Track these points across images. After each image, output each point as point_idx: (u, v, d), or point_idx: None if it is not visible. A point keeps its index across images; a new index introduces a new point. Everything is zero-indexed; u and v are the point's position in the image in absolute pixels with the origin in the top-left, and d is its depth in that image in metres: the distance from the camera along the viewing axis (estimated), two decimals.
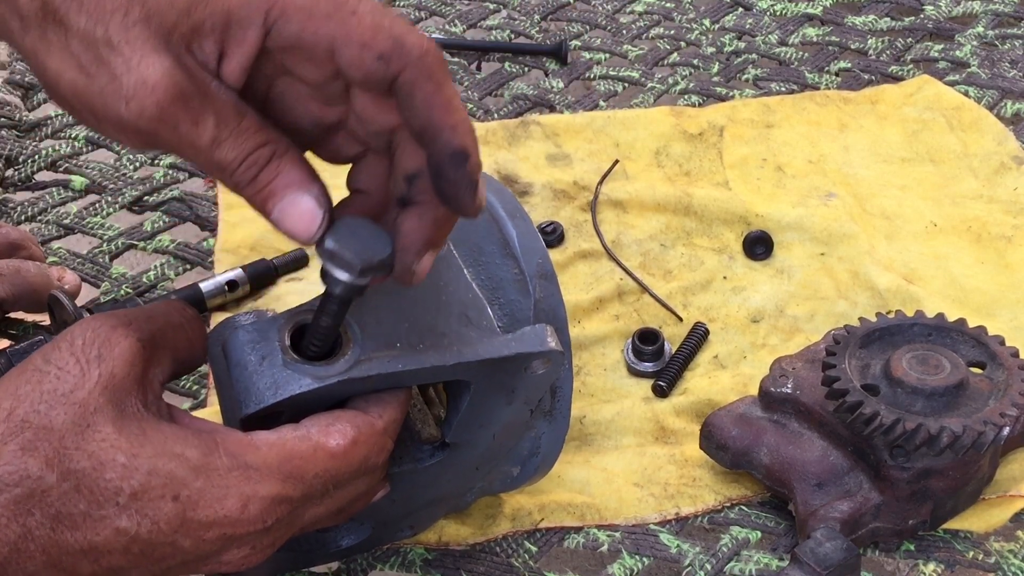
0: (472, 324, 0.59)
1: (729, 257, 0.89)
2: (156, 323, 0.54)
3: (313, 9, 0.51)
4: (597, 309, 0.85)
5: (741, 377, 0.79)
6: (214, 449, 0.52)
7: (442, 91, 0.52)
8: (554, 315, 0.63)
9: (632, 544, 0.69)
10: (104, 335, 0.52)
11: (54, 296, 0.75)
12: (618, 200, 0.92)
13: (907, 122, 1.01)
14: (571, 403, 0.65)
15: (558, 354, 0.59)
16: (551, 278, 0.64)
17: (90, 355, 0.51)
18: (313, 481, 0.54)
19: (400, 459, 0.61)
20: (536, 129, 0.99)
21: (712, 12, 1.17)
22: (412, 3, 1.17)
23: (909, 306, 0.82)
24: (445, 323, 0.58)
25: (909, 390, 0.67)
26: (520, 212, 0.65)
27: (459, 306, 0.59)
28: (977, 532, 0.70)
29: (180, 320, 0.56)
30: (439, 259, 0.59)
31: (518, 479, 0.67)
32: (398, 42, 0.51)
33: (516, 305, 0.63)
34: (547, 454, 0.66)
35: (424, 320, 0.58)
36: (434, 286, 0.59)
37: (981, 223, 0.91)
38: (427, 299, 0.59)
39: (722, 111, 1.01)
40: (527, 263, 0.63)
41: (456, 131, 0.52)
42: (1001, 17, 1.16)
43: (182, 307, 0.56)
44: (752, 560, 0.68)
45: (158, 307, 0.56)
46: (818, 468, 0.69)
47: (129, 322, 0.53)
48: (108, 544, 0.51)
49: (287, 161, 0.53)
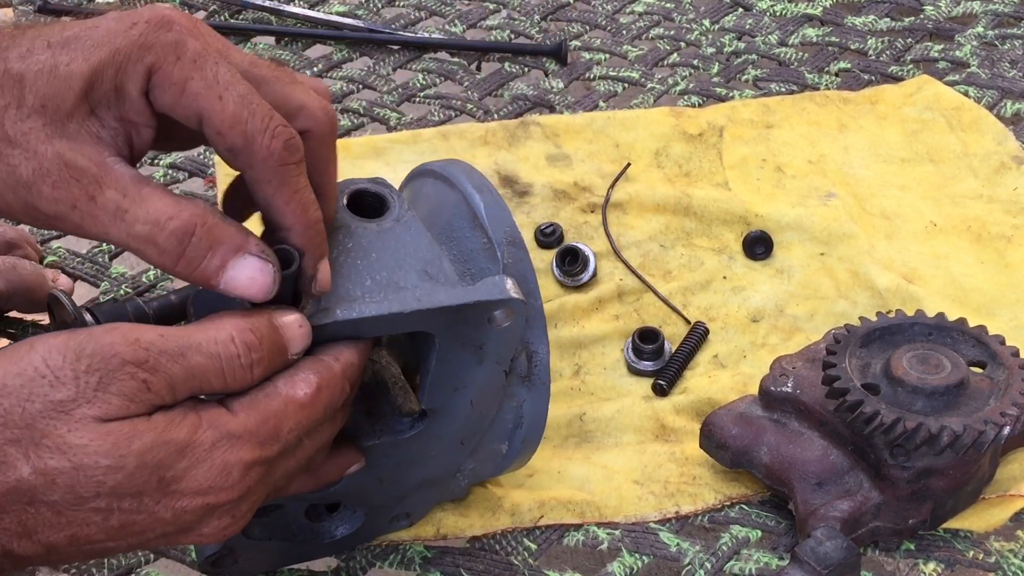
0: (432, 278, 0.60)
1: (729, 257, 0.89)
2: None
3: (185, 85, 0.53)
4: (597, 309, 0.85)
5: (741, 376, 0.79)
6: (198, 425, 0.52)
7: (281, 194, 0.54)
8: (523, 279, 0.64)
9: (632, 542, 0.69)
10: (114, 366, 0.51)
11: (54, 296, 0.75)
12: (618, 201, 0.92)
13: (907, 122, 1.01)
14: (549, 369, 0.66)
15: (519, 303, 0.59)
16: (519, 244, 0.65)
17: (91, 381, 0.50)
18: (288, 436, 0.55)
19: (380, 432, 0.62)
20: (536, 129, 0.99)
21: (712, 12, 1.17)
22: (412, 3, 1.17)
23: (909, 305, 0.82)
24: (404, 277, 0.59)
25: (909, 389, 0.67)
26: (487, 186, 0.66)
27: (419, 262, 0.60)
28: (977, 531, 0.70)
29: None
30: (398, 222, 0.61)
31: (507, 457, 0.67)
32: (247, 140, 0.53)
33: (487, 273, 0.64)
34: (531, 425, 0.67)
35: (383, 276, 0.59)
36: (392, 245, 0.60)
37: (981, 223, 0.91)
38: (386, 257, 0.60)
39: (722, 111, 1.01)
40: (495, 232, 0.65)
41: (292, 232, 0.55)
42: (1001, 17, 1.16)
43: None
44: (752, 559, 0.68)
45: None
46: (818, 467, 0.69)
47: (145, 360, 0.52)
48: (85, 519, 0.51)
49: (213, 226, 0.53)
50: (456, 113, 1.03)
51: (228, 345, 0.53)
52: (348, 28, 1.12)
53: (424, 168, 0.69)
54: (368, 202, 0.62)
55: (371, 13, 1.16)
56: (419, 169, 0.70)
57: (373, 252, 0.60)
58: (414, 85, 1.06)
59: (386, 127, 1.02)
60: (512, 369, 0.65)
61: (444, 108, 1.03)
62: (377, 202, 0.62)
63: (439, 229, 0.66)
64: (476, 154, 0.97)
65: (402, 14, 1.16)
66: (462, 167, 0.68)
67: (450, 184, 0.67)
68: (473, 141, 0.98)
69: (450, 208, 0.66)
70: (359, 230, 0.60)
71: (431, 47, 1.11)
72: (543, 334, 0.66)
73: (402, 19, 1.15)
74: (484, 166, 0.95)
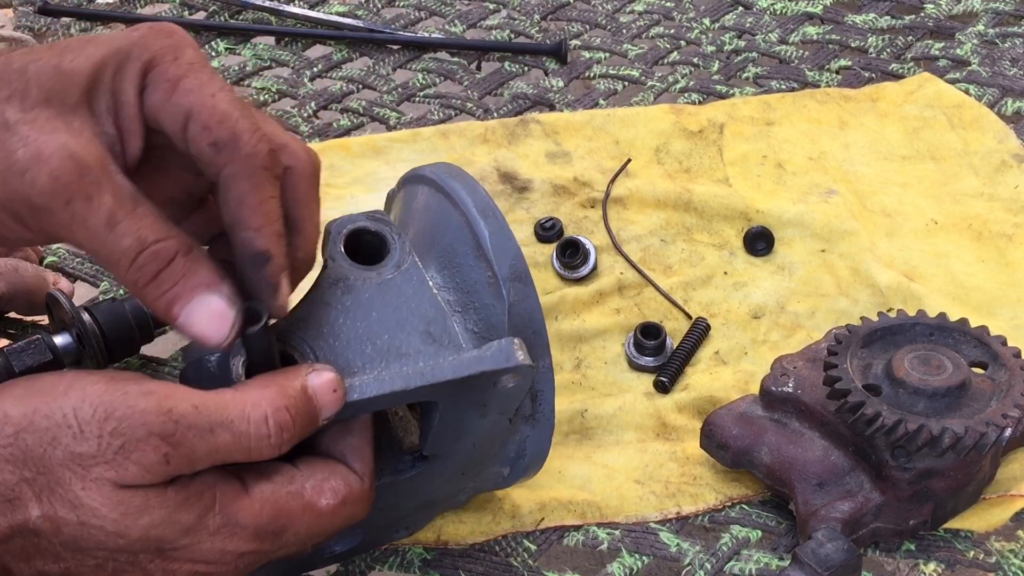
0: (435, 340, 0.58)
1: (730, 253, 0.89)
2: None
3: (180, 82, 0.53)
4: (597, 302, 0.85)
5: (742, 374, 0.79)
6: (210, 509, 0.53)
7: (256, 193, 0.53)
8: (529, 319, 0.61)
9: (632, 542, 0.69)
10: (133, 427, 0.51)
11: (52, 296, 0.75)
12: (618, 197, 0.92)
13: (908, 120, 1.01)
14: (554, 405, 0.64)
15: (527, 368, 0.57)
16: (525, 279, 0.61)
17: (114, 444, 0.50)
18: (292, 537, 0.55)
19: (381, 471, 0.60)
20: (536, 127, 0.99)
21: (712, 11, 1.17)
22: (412, 3, 1.17)
23: (910, 303, 0.82)
24: (407, 342, 0.57)
25: (911, 390, 0.67)
26: (492, 210, 0.63)
27: (422, 322, 0.58)
28: (978, 532, 0.70)
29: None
30: (399, 271, 0.59)
31: (509, 478, 0.67)
32: (234, 136, 0.53)
33: (491, 310, 0.61)
34: (534, 456, 0.65)
35: (384, 340, 0.57)
36: (394, 302, 0.58)
37: (982, 221, 0.91)
38: (387, 317, 0.58)
39: (722, 108, 1.01)
40: (499, 265, 0.61)
41: (260, 233, 0.53)
42: (1001, 15, 1.16)
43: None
44: (752, 559, 0.68)
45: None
46: (819, 468, 0.69)
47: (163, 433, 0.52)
48: (81, 562, 0.52)
49: (193, 259, 0.53)
50: (456, 112, 1.03)
51: (260, 426, 0.52)
52: (348, 28, 1.12)
53: (420, 174, 0.66)
54: (367, 241, 0.60)
55: (371, 13, 1.16)
56: (415, 174, 0.67)
57: (373, 310, 0.58)
58: (414, 85, 1.06)
59: (386, 127, 1.01)
60: (517, 412, 0.63)
61: (444, 107, 1.03)
62: (377, 241, 0.60)
63: (440, 252, 0.63)
64: (476, 152, 0.97)
65: (402, 14, 1.16)
66: (463, 181, 0.64)
67: (452, 202, 0.63)
68: (473, 139, 0.98)
69: (452, 231, 0.63)
70: (358, 283, 0.58)
71: (431, 47, 1.11)
72: (549, 373, 0.63)
73: (402, 19, 1.15)
74: (484, 164, 0.95)
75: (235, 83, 1.06)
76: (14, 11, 1.14)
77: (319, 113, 1.03)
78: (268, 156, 0.53)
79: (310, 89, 1.05)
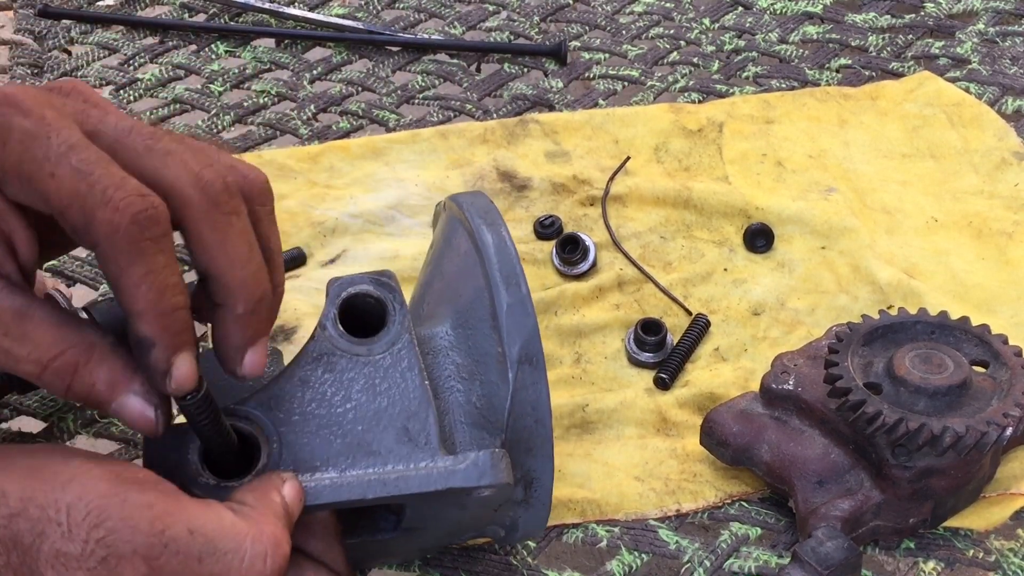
0: (411, 440, 0.55)
1: (730, 250, 0.89)
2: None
3: (20, 169, 0.49)
4: (597, 298, 0.85)
5: (742, 371, 0.79)
6: None
7: (128, 274, 0.49)
8: (532, 407, 0.57)
9: (631, 540, 0.69)
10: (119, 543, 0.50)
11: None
12: (617, 194, 0.92)
13: (907, 118, 1.01)
14: (551, 490, 0.60)
15: (504, 487, 0.54)
16: (536, 363, 0.57)
17: (98, 554, 0.49)
18: None
19: (360, 529, 0.58)
20: (535, 127, 0.99)
21: (712, 11, 1.17)
22: (412, 5, 1.17)
23: (910, 301, 0.82)
24: (380, 439, 0.54)
25: (912, 389, 0.67)
26: (516, 278, 0.58)
27: (401, 416, 0.55)
28: (977, 530, 0.70)
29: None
30: (390, 351, 0.56)
31: (505, 540, 0.65)
32: (88, 217, 0.48)
33: (494, 389, 0.57)
34: (527, 531, 0.63)
35: (356, 434, 0.55)
36: (377, 389, 0.55)
37: (982, 219, 0.91)
38: (365, 406, 0.55)
39: (722, 107, 1.01)
40: (510, 344, 0.57)
41: (140, 318, 0.50)
42: (1002, 14, 1.16)
43: None
44: (751, 557, 0.68)
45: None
46: (819, 466, 0.69)
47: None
48: None
49: (96, 364, 0.51)
50: (455, 114, 1.03)
51: (256, 562, 0.51)
52: (348, 30, 1.12)
53: (463, 215, 0.62)
54: (367, 306, 0.57)
55: (371, 15, 1.16)
56: (457, 213, 0.62)
57: (352, 396, 0.55)
58: (413, 87, 1.06)
59: (385, 129, 1.01)
60: (504, 504, 0.59)
61: (443, 109, 1.03)
62: (379, 306, 0.57)
63: (458, 309, 0.60)
64: (475, 152, 0.97)
65: (402, 16, 1.16)
66: (496, 234, 0.59)
67: (480, 257, 0.59)
68: (472, 140, 0.98)
69: (473, 291, 0.59)
70: (342, 362, 0.55)
71: (431, 48, 1.11)
72: (549, 461, 0.59)
73: (402, 21, 1.15)
74: (483, 164, 0.95)
75: (235, 86, 1.06)
76: (14, 13, 1.14)
77: (319, 116, 1.03)
78: (133, 224, 0.48)
79: (310, 92, 1.05)
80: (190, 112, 1.03)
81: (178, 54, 1.09)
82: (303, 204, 0.91)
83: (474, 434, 0.58)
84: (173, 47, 1.10)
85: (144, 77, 1.06)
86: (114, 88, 1.05)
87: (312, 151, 0.96)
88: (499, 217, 0.61)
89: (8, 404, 0.76)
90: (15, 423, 0.76)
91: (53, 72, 1.06)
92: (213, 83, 1.05)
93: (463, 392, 0.58)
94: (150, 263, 0.49)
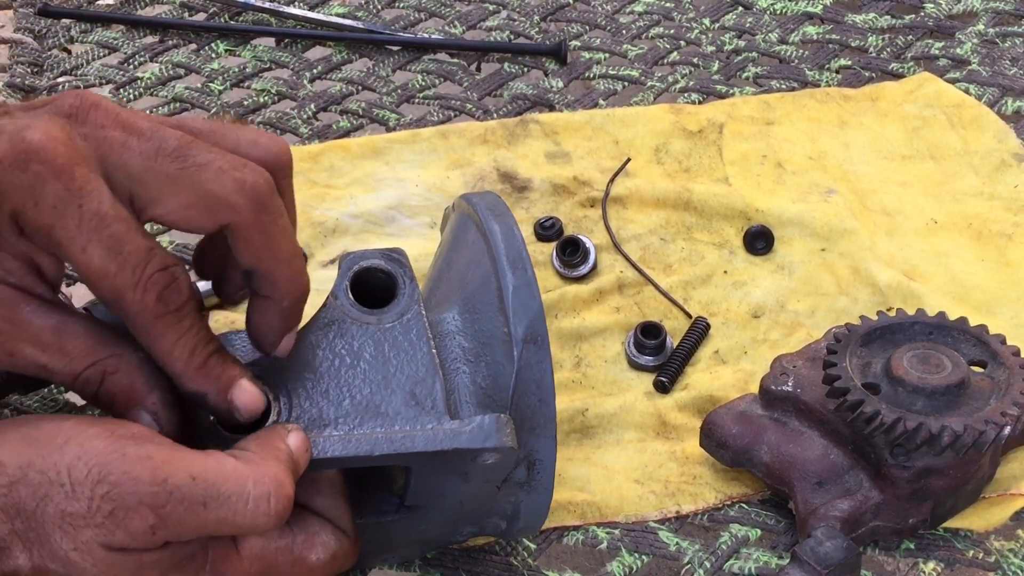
0: (418, 403, 0.56)
1: (729, 252, 0.89)
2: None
3: (50, 233, 0.51)
4: (597, 301, 0.85)
5: (742, 373, 0.79)
6: (201, 569, 0.53)
7: (162, 344, 0.53)
8: (537, 386, 0.58)
9: (631, 542, 0.69)
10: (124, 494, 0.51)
11: None
12: (618, 196, 0.92)
13: (907, 119, 1.01)
14: (554, 473, 0.61)
15: (508, 450, 0.56)
16: (541, 343, 0.58)
17: (104, 509, 0.50)
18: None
19: (363, 510, 0.59)
20: (535, 127, 0.99)
21: (712, 11, 1.17)
22: (412, 5, 1.17)
23: (910, 303, 0.82)
24: (388, 401, 0.56)
25: (910, 389, 0.67)
26: (522, 262, 0.60)
27: (409, 381, 0.57)
28: (977, 531, 0.70)
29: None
30: (400, 320, 0.57)
31: (506, 532, 0.65)
32: (118, 295, 0.52)
33: (500, 368, 0.58)
34: (529, 519, 0.64)
35: (365, 395, 0.56)
36: (386, 355, 0.57)
37: (982, 220, 0.91)
38: (375, 370, 0.57)
39: (722, 108, 1.01)
40: (516, 324, 0.58)
41: (183, 379, 0.54)
42: (1001, 15, 1.16)
43: None
44: (751, 558, 0.68)
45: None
46: (818, 466, 0.69)
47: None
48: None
49: (120, 377, 0.54)
50: (455, 113, 1.03)
51: (261, 503, 0.52)
52: (348, 29, 1.12)
53: (471, 205, 0.64)
54: (377, 280, 0.59)
55: (371, 15, 1.16)
56: (468, 201, 0.64)
57: (362, 361, 0.57)
58: (414, 86, 1.06)
59: (385, 128, 1.02)
60: (508, 479, 0.60)
61: (443, 108, 1.03)
62: (388, 281, 0.59)
63: (466, 295, 0.61)
64: (475, 152, 0.97)
65: (402, 15, 1.16)
66: (503, 223, 0.61)
67: (487, 244, 0.60)
68: (472, 140, 0.98)
69: (480, 276, 0.61)
70: (353, 328, 0.57)
71: (431, 48, 1.11)
72: (551, 442, 0.60)
73: (402, 20, 1.15)
74: (483, 164, 0.95)
75: (235, 85, 1.06)
76: (14, 12, 1.14)
77: (319, 115, 1.03)
78: (159, 302, 0.52)
79: (310, 91, 1.05)
80: (190, 111, 1.03)
81: (178, 53, 1.09)
82: (303, 204, 0.91)
83: (479, 413, 0.59)
84: (173, 46, 1.10)
85: (144, 76, 1.06)
86: (114, 87, 1.05)
87: (312, 150, 0.97)
88: (507, 210, 0.62)
89: (8, 404, 0.77)
90: None
91: (53, 71, 1.06)
92: (213, 82, 1.06)
93: (468, 374, 0.59)
94: (177, 330, 0.53)
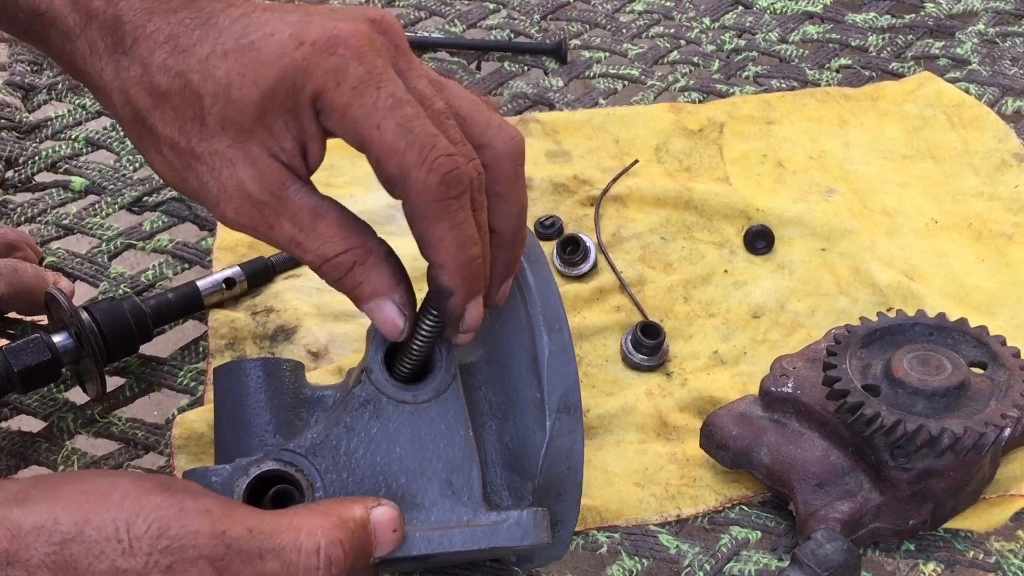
0: (454, 493, 0.55)
1: (730, 251, 0.89)
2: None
3: (346, 112, 0.53)
4: (597, 299, 0.85)
5: (742, 374, 0.79)
6: None
7: (434, 230, 0.53)
8: (567, 455, 0.57)
9: (631, 545, 0.69)
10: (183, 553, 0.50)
11: (51, 295, 0.75)
12: (618, 195, 0.92)
13: (908, 119, 1.01)
14: (573, 529, 0.60)
15: (544, 546, 0.55)
16: (575, 412, 0.57)
17: (162, 563, 0.50)
18: None
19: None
20: (536, 127, 0.99)
21: (712, 10, 1.17)
22: (412, 3, 1.17)
23: (910, 303, 0.82)
24: (424, 490, 0.55)
25: (910, 391, 0.67)
26: (560, 323, 0.57)
27: (445, 468, 0.56)
28: (977, 532, 0.70)
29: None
30: (437, 398, 0.57)
31: (517, 564, 0.65)
32: (403, 172, 0.53)
33: (529, 433, 0.57)
34: (542, 561, 0.63)
35: (401, 484, 0.55)
36: (423, 438, 0.56)
37: (982, 220, 0.91)
38: (411, 456, 0.56)
39: (722, 108, 1.01)
40: (550, 393, 0.56)
41: (443, 269, 0.54)
42: (1002, 15, 1.16)
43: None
44: (752, 560, 0.68)
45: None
46: (819, 468, 0.69)
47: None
48: None
49: (369, 267, 0.55)
50: None
51: (311, 556, 0.51)
52: None
53: None
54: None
55: None
56: None
57: (398, 445, 0.56)
58: None
59: None
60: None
61: None
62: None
63: (496, 346, 0.60)
64: None
65: (402, 14, 1.16)
66: (540, 275, 0.59)
67: (522, 296, 0.58)
68: None
69: (511, 331, 0.59)
70: (388, 408, 0.56)
71: (431, 46, 1.11)
72: (575, 506, 0.59)
73: (402, 19, 1.15)
74: None
75: None
76: None
77: None
78: (442, 185, 0.52)
79: None
80: None
81: None
82: None
83: (505, 475, 0.58)
84: None
85: None
86: None
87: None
88: (542, 254, 0.60)
89: (8, 403, 0.77)
90: (15, 422, 0.77)
91: (53, 69, 1.06)
92: None
93: (495, 431, 0.59)
94: (453, 219, 0.53)
